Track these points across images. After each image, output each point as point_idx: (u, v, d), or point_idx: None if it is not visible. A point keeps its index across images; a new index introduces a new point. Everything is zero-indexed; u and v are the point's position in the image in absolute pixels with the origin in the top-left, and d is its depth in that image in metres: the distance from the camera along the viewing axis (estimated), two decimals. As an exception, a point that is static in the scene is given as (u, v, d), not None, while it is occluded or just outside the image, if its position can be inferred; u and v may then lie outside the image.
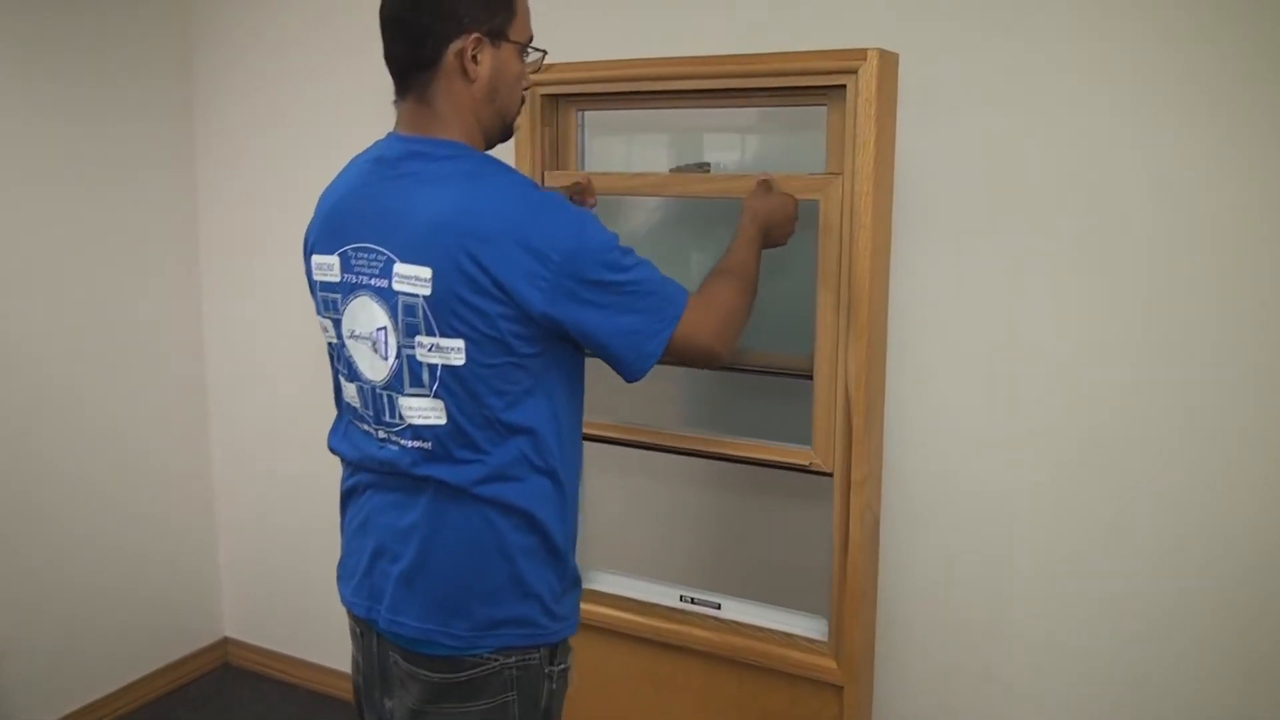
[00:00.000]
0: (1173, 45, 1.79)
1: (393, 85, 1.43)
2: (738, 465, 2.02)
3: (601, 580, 2.19)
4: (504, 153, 1.95)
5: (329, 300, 1.45)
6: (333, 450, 1.56)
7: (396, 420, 1.40)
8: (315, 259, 1.46)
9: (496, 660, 1.41)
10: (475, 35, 1.36)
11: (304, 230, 1.51)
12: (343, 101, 2.67)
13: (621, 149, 2.23)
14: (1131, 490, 1.92)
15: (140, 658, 2.96)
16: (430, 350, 1.34)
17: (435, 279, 1.30)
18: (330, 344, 1.50)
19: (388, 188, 1.38)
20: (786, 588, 2.13)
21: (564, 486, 1.44)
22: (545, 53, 1.49)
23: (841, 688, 1.90)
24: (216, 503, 3.15)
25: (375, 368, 1.40)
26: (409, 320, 1.34)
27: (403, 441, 1.40)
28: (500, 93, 1.42)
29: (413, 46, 1.37)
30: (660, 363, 1.42)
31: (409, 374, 1.36)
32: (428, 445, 1.38)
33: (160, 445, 2.98)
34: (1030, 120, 1.91)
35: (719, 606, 2.05)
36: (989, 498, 2.04)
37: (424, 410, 1.37)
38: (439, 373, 1.34)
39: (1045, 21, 1.87)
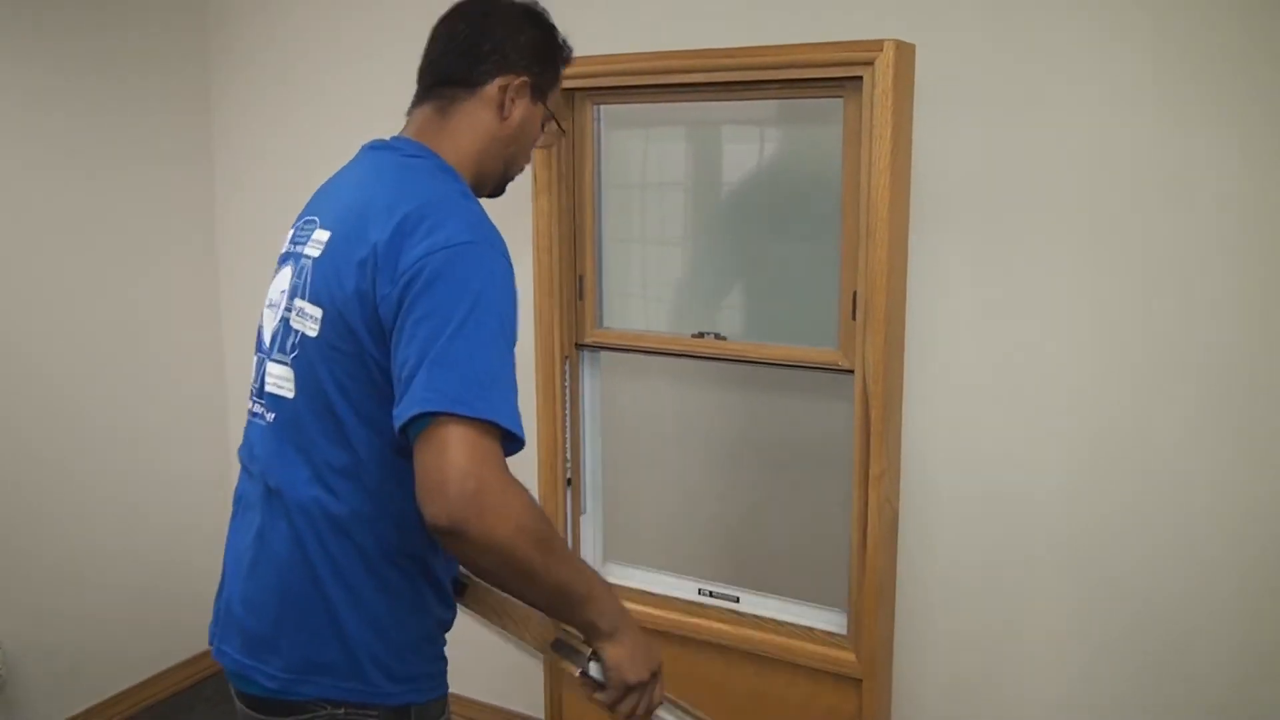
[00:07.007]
0: (1194, 47, 1.78)
1: (415, 93, 1.41)
2: (757, 456, 2.02)
3: (620, 574, 2.19)
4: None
5: (273, 274, 1.41)
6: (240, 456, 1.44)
7: (263, 388, 1.33)
8: (287, 235, 1.43)
9: (324, 708, 1.27)
10: (524, 79, 1.37)
11: None
12: (361, 95, 2.68)
13: (638, 143, 2.23)
14: (1149, 487, 1.91)
15: (157, 654, 2.98)
16: (298, 315, 1.27)
17: (328, 244, 1.26)
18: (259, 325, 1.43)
19: (352, 171, 1.39)
20: (806, 581, 2.13)
21: (397, 524, 1.27)
22: (565, 132, 1.47)
23: (860, 680, 1.90)
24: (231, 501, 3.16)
25: (269, 334, 1.35)
26: (296, 282, 1.29)
27: (266, 414, 1.32)
28: (518, 144, 1.41)
29: (463, 65, 1.36)
30: (410, 449, 1.13)
31: (280, 337, 1.30)
32: (270, 419, 1.31)
33: (177, 444, 2.99)
34: (1050, 116, 1.89)
35: (738, 600, 2.05)
36: (1008, 491, 2.03)
37: (280, 379, 1.29)
38: (297, 339, 1.27)
39: (1065, 16, 1.86)
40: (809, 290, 2.04)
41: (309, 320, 1.25)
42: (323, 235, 1.28)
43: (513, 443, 1.15)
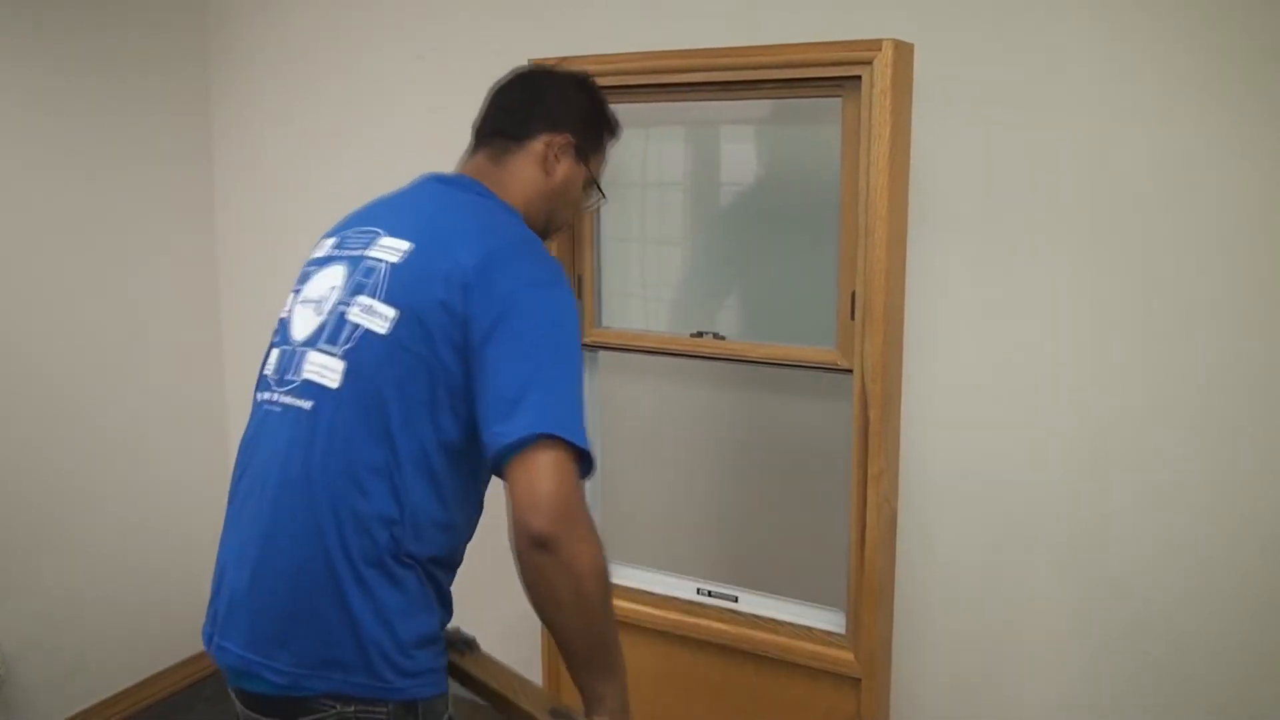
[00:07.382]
0: (1194, 47, 1.77)
1: (470, 144, 1.53)
2: (756, 456, 2.02)
3: (619, 573, 2.19)
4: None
5: (304, 274, 1.44)
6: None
7: (294, 377, 1.33)
8: (321, 241, 1.47)
9: (333, 706, 1.27)
10: (568, 138, 1.49)
11: (325, 228, 1.52)
12: (361, 95, 2.68)
13: (638, 143, 2.23)
14: (1149, 487, 1.91)
15: (157, 654, 2.97)
16: (363, 311, 1.30)
17: (411, 253, 1.32)
18: (280, 320, 1.44)
19: (417, 194, 1.47)
20: (804, 581, 2.12)
21: (414, 528, 1.31)
22: (605, 199, 1.62)
23: (859, 680, 1.90)
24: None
25: (306, 326, 1.36)
26: (360, 280, 1.33)
27: (287, 400, 1.33)
28: (559, 200, 1.52)
29: (513, 121, 1.50)
30: (500, 475, 1.23)
31: (331, 330, 1.32)
32: (306, 406, 1.31)
33: (176, 444, 2.99)
34: (1050, 116, 1.89)
35: (736, 599, 2.05)
36: (1008, 491, 2.03)
37: (323, 367, 1.31)
38: (357, 333, 1.30)
39: (1065, 16, 1.86)
40: (808, 290, 2.04)
41: (379, 318, 1.29)
42: (400, 244, 1.33)
43: (587, 469, 1.25)
